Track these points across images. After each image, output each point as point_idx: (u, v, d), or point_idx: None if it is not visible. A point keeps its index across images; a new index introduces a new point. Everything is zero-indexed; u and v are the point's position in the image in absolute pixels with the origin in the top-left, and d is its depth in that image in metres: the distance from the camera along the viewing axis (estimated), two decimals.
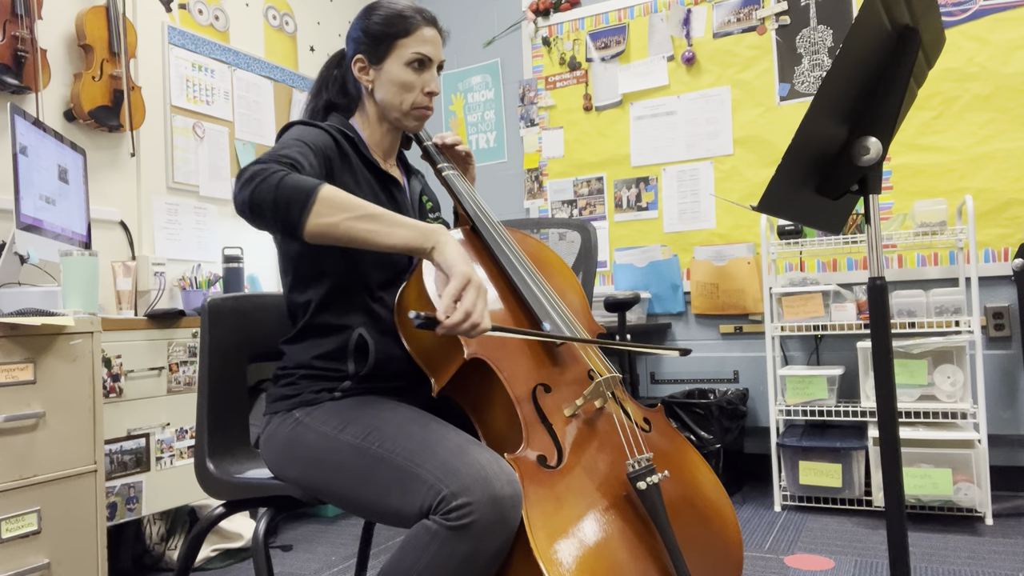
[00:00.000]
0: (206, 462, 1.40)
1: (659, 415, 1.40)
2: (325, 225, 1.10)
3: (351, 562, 2.42)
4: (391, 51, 1.36)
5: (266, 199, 1.10)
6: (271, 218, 1.11)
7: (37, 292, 1.99)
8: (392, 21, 1.36)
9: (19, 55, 2.31)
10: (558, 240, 3.01)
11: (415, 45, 1.36)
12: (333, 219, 1.10)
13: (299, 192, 1.10)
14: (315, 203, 1.10)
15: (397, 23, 1.36)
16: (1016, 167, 2.83)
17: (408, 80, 1.36)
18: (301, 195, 1.10)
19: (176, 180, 2.92)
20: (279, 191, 1.10)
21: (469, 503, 1.02)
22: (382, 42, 1.36)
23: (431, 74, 1.38)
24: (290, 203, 1.10)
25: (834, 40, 3.14)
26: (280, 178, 1.11)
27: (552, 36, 3.72)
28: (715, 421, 2.90)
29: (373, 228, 1.11)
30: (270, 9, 3.44)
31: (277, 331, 1.49)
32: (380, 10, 1.38)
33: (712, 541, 1.26)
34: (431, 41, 1.37)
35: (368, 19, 1.38)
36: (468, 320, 1.07)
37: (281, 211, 1.10)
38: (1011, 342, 2.82)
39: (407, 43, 1.35)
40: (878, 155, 1.11)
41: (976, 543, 2.33)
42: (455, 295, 1.08)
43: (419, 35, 1.36)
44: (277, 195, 1.10)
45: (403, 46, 1.36)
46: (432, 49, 1.37)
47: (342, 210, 1.10)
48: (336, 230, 1.11)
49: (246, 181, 1.12)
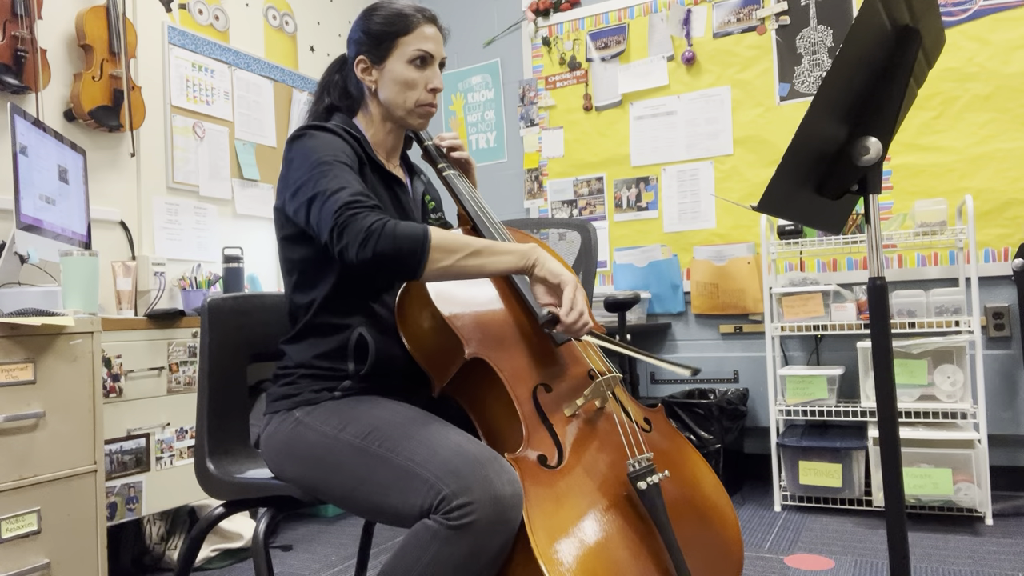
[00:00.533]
0: (206, 462, 1.40)
1: (659, 415, 1.40)
2: (441, 269, 1.16)
3: (351, 562, 2.42)
4: (393, 50, 1.37)
5: (389, 254, 1.14)
6: (394, 268, 1.15)
7: (37, 292, 1.99)
8: (392, 20, 1.37)
9: (19, 55, 2.31)
10: (558, 240, 3.01)
11: (416, 42, 1.36)
12: (447, 263, 1.16)
13: (414, 243, 1.14)
14: (430, 251, 1.15)
15: (398, 22, 1.37)
16: (1016, 167, 2.83)
17: (411, 77, 1.37)
18: (416, 246, 1.14)
19: (176, 180, 2.92)
20: (397, 244, 1.14)
21: (470, 503, 1.02)
22: (383, 41, 1.37)
23: (433, 71, 1.39)
24: (410, 254, 1.14)
25: (834, 40, 3.14)
26: (392, 230, 1.14)
27: (552, 36, 3.72)
28: (715, 421, 2.90)
29: (481, 262, 1.18)
30: (270, 9, 3.44)
31: (277, 331, 1.49)
32: (380, 10, 1.38)
33: (712, 541, 1.26)
34: (432, 38, 1.38)
35: (368, 20, 1.39)
36: (581, 319, 1.19)
37: (404, 261, 1.14)
38: (1011, 342, 2.82)
39: (408, 41, 1.36)
40: (878, 155, 1.11)
41: (976, 543, 2.33)
42: (572, 299, 1.19)
43: (420, 32, 1.37)
44: (399, 248, 1.14)
45: (405, 44, 1.36)
46: (433, 46, 1.38)
47: (453, 252, 1.16)
48: (450, 271, 1.17)
49: (364, 239, 1.13)
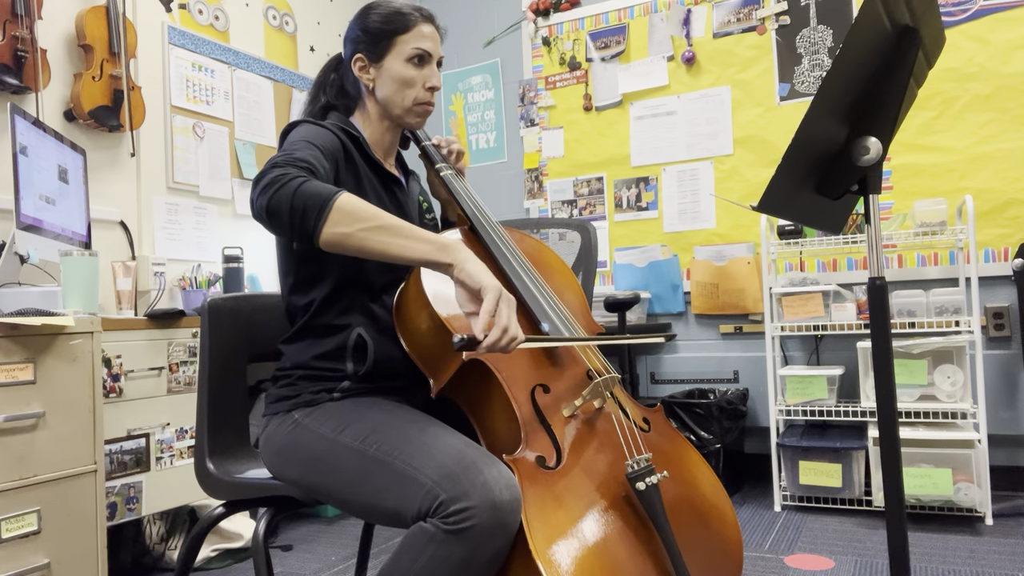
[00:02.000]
0: (206, 462, 1.40)
1: (659, 415, 1.40)
2: (340, 235, 1.10)
3: (351, 562, 2.42)
4: (391, 48, 1.37)
5: (283, 206, 1.10)
6: (287, 225, 1.11)
7: (37, 292, 1.99)
8: (390, 19, 1.37)
9: (19, 55, 2.31)
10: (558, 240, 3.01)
11: (414, 41, 1.37)
12: (348, 229, 1.09)
13: (316, 200, 1.09)
14: (331, 212, 1.09)
15: (395, 20, 1.37)
16: (1016, 167, 2.83)
17: (409, 76, 1.37)
18: (317, 203, 1.09)
19: (176, 180, 2.92)
20: (296, 198, 1.09)
21: (468, 507, 1.01)
22: (381, 39, 1.37)
23: (431, 69, 1.39)
24: (306, 211, 1.09)
25: (834, 40, 3.14)
26: (298, 184, 1.10)
27: (552, 36, 3.72)
28: (715, 421, 2.90)
29: (388, 240, 1.10)
30: (270, 9, 3.44)
31: (277, 331, 1.49)
32: (378, 9, 1.39)
33: (712, 541, 1.26)
34: (430, 37, 1.39)
35: (366, 18, 1.39)
36: (506, 335, 1.07)
37: (297, 218, 1.10)
38: (1011, 342, 2.82)
39: (406, 39, 1.37)
40: (878, 155, 1.11)
41: (976, 543, 2.33)
42: (492, 311, 1.07)
43: (418, 31, 1.37)
44: (294, 202, 1.09)
45: (402, 42, 1.37)
46: (431, 44, 1.39)
47: (358, 220, 1.10)
48: (350, 240, 1.10)
49: (264, 187, 1.11)
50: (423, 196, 1.54)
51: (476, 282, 1.09)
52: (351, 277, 1.31)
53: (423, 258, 1.11)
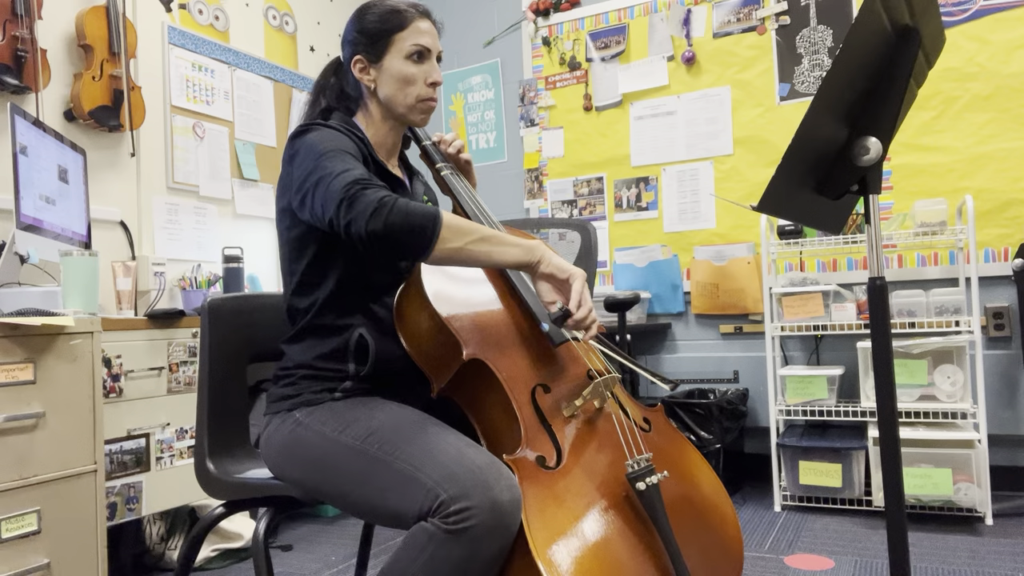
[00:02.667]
0: (206, 462, 1.40)
1: (659, 415, 1.40)
2: (450, 250, 1.15)
3: (351, 562, 2.42)
4: (389, 46, 1.37)
5: (400, 227, 1.11)
6: (403, 244, 1.13)
7: (37, 292, 1.99)
8: (387, 17, 1.37)
9: (19, 55, 2.31)
10: (558, 240, 3.01)
11: (412, 37, 1.37)
12: (457, 244, 1.15)
13: (427, 220, 1.13)
14: (442, 229, 1.13)
15: (392, 19, 1.37)
16: (1016, 167, 2.83)
17: (410, 73, 1.37)
18: (428, 222, 1.12)
19: (176, 180, 2.92)
20: (410, 218, 1.12)
21: (468, 507, 1.01)
22: (379, 39, 1.37)
23: (432, 64, 1.39)
24: (422, 231, 1.12)
25: (834, 40, 3.14)
26: (405, 205, 1.13)
27: (552, 36, 3.72)
28: (715, 421, 2.90)
29: (488, 249, 1.18)
30: (270, 9, 3.44)
31: (277, 331, 1.49)
32: (373, 9, 1.39)
33: (712, 541, 1.26)
34: (427, 32, 1.39)
35: (362, 19, 1.39)
36: (592, 314, 1.21)
37: (415, 238, 1.12)
38: (1011, 342, 2.82)
39: (404, 36, 1.37)
40: (878, 155, 1.11)
41: (976, 543, 2.33)
42: (581, 292, 1.20)
43: (415, 27, 1.37)
44: (411, 222, 1.12)
45: (401, 40, 1.36)
46: (430, 40, 1.39)
47: (463, 235, 1.15)
48: (460, 254, 1.16)
49: (375, 211, 1.11)
50: (427, 197, 1.54)
51: (565, 271, 1.21)
52: (353, 278, 1.31)
53: (517, 260, 1.20)
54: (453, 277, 1.30)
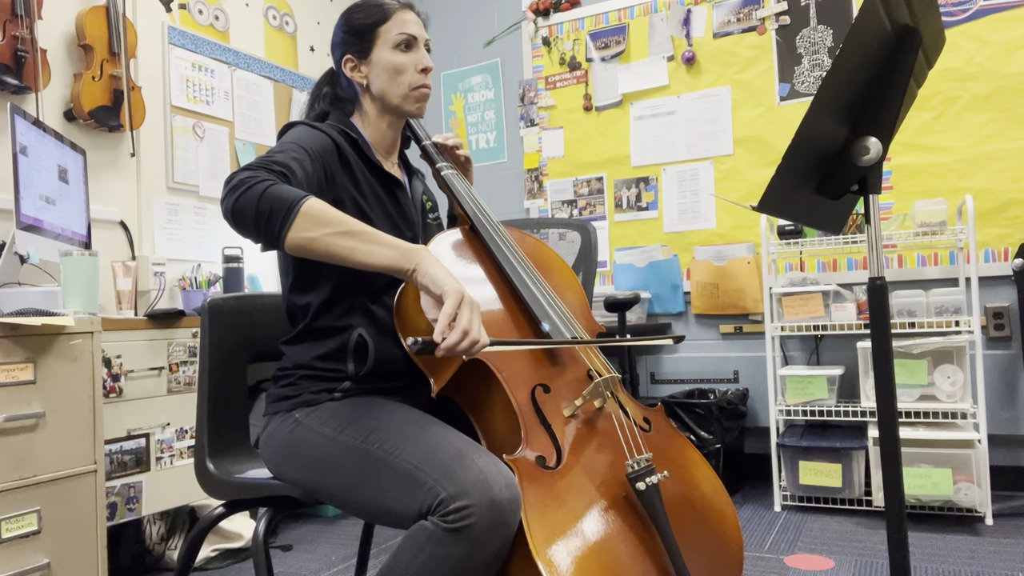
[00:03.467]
0: (206, 462, 1.40)
1: (659, 415, 1.40)
2: (304, 239, 1.09)
3: (351, 562, 2.42)
4: (376, 40, 1.38)
5: (248, 209, 1.10)
6: (252, 228, 1.11)
7: (37, 292, 1.99)
8: (369, 12, 1.39)
9: (19, 55, 2.31)
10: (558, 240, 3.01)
11: (397, 27, 1.38)
12: (313, 233, 1.09)
13: (281, 203, 1.09)
14: (296, 216, 1.09)
15: (375, 13, 1.39)
16: (1016, 167, 2.83)
17: (399, 62, 1.38)
18: (283, 206, 1.09)
19: (176, 180, 2.92)
20: (262, 201, 1.09)
21: (468, 506, 1.01)
22: (365, 34, 1.39)
23: (421, 52, 1.40)
24: (272, 214, 1.09)
25: (834, 40, 3.14)
26: (265, 188, 1.10)
27: (552, 36, 3.72)
28: (715, 421, 2.90)
29: (353, 245, 1.10)
30: (270, 9, 3.44)
31: (277, 331, 1.49)
32: (356, 8, 1.41)
33: (712, 541, 1.26)
34: (412, 21, 1.40)
35: (347, 20, 1.41)
36: (466, 339, 1.05)
37: (263, 221, 1.09)
38: (1011, 342, 2.82)
39: (389, 27, 1.38)
40: (878, 155, 1.11)
41: (976, 543, 2.33)
42: (451, 315, 1.05)
43: (398, 17, 1.39)
44: (260, 205, 1.09)
45: (386, 31, 1.38)
46: (415, 28, 1.40)
47: (323, 225, 1.09)
48: (315, 244, 1.10)
49: (231, 189, 1.12)
50: (427, 196, 1.54)
51: (437, 286, 1.08)
52: (351, 278, 1.31)
53: (387, 264, 1.11)
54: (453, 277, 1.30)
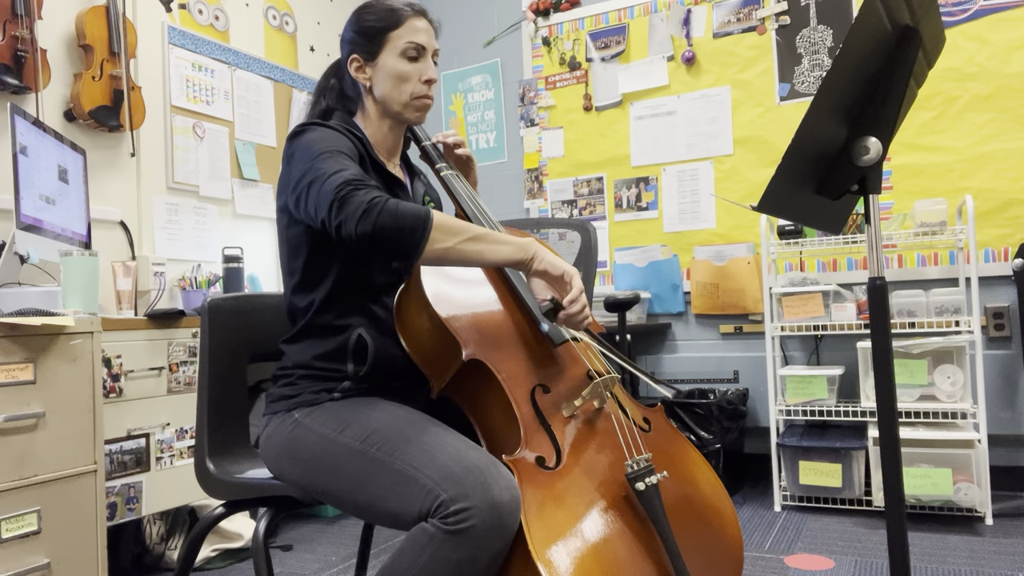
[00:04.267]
0: (206, 462, 1.40)
1: (659, 415, 1.40)
2: (441, 250, 1.15)
3: (351, 562, 2.42)
4: (384, 44, 1.38)
5: (390, 228, 1.12)
6: (392, 245, 1.13)
7: (37, 292, 1.99)
8: (382, 16, 1.38)
9: (19, 55, 2.31)
10: (558, 240, 3.01)
11: (407, 35, 1.37)
12: (447, 244, 1.15)
13: (417, 221, 1.13)
14: (432, 230, 1.13)
15: (387, 17, 1.38)
16: (1016, 167, 2.83)
17: (404, 70, 1.37)
18: (419, 223, 1.13)
19: (176, 180, 2.92)
20: (400, 219, 1.12)
21: (468, 508, 1.01)
22: (375, 37, 1.38)
23: (427, 62, 1.40)
24: (412, 231, 1.12)
25: (834, 40, 3.14)
26: (395, 206, 1.13)
27: (552, 36, 3.72)
28: (715, 421, 2.90)
29: (480, 248, 1.17)
30: (270, 9, 3.43)
31: (277, 331, 1.49)
32: (370, 8, 1.40)
33: (712, 541, 1.26)
34: (423, 30, 1.39)
35: (359, 19, 1.40)
36: (585, 310, 1.22)
37: (405, 238, 1.13)
38: (1011, 342, 2.82)
39: (399, 34, 1.37)
40: (878, 155, 1.11)
41: (976, 543, 2.33)
42: (580, 287, 1.21)
43: (410, 25, 1.38)
44: (400, 223, 1.12)
45: (396, 37, 1.37)
46: (425, 38, 1.39)
47: (454, 235, 1.15)
48: (451, 253, 1.16)
49: (364, 212, 1.12)
50: (428, 196, 1.54)
51: (559, 268, 1.21)
52: (351, 278, 1.32)
53: (510, 258, 1.20)
54: (453, 278, 1.30)
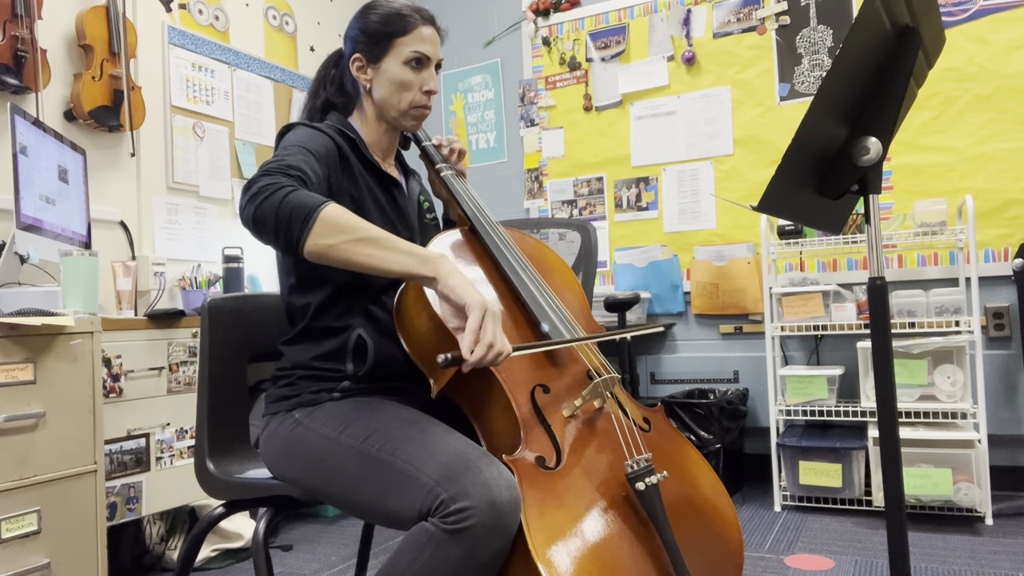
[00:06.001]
0: (206, 462, 1.40)
1: (659, 415, 1.40)
2: (324, 246, 1.10)
3: (351, 562, 2.42)
4: (389, 50, 1.36)
5: (268, 215, 1.10)
6: (272, 234, 1.12)
7: (37, 292, 1.99)
8: (390, 20, 1.36)
9: (19, 55, 2.31)
10: (558, 240, 3.01)
11: (413, 44, 1.35)
12: (332, 240, 1.10)
13: (301, 210, 1.10)
14: (315, 223, 1.10)
15: (395, 22, 1.35)
16: (1016, 167, 2.83)
17: (406, 79, 1.36)
18: (302, 213, 1.10)
19: (176, 180, 2.92)
20: (282, 208, 1.10)
21: (468, 507, 1.01)
22: (380, 41, 1.36)
23: (429, 73, 1.38)
24: (291, 221, 1.10)
25: (834, 40, 3.14)
26: (285, 194, 1.11)
27: (552, 36, 3.72)
28: (715, 421, 2.90)
29: (371, 252, 1.10)
30: (270, 9, 3.43)
31: (277, 331, 1.49)
32: (378, 9, 1.37)
33: (712, 541, 1.26)
34: (429, 40, 1.37)
35: (366, 18, 1.37)
36: (491, 351, 1.07)
37: (283, 228, 1.10)
38: (1011, 342, 2.82)
39: (405, 42, 1.35)
40: (878, 155, 1.10)
41: (976, 543, 2.33)
42: (477, 329, 1.07)
43: (417, 34, 1.36)
44: (280, 212, 1.10)
45: (401, 45, 1.35)
46: (430, 48, 1.37)
47: (342, 232, 1.10)
48: (334, 251, 1.10)
49: (252, 195, 1.12)
50: (424, 196, 1.53)
51: (459, 298, 1.09)
52: (352, 279, 1.31)
53: (406, 271, 1.11)
54: None
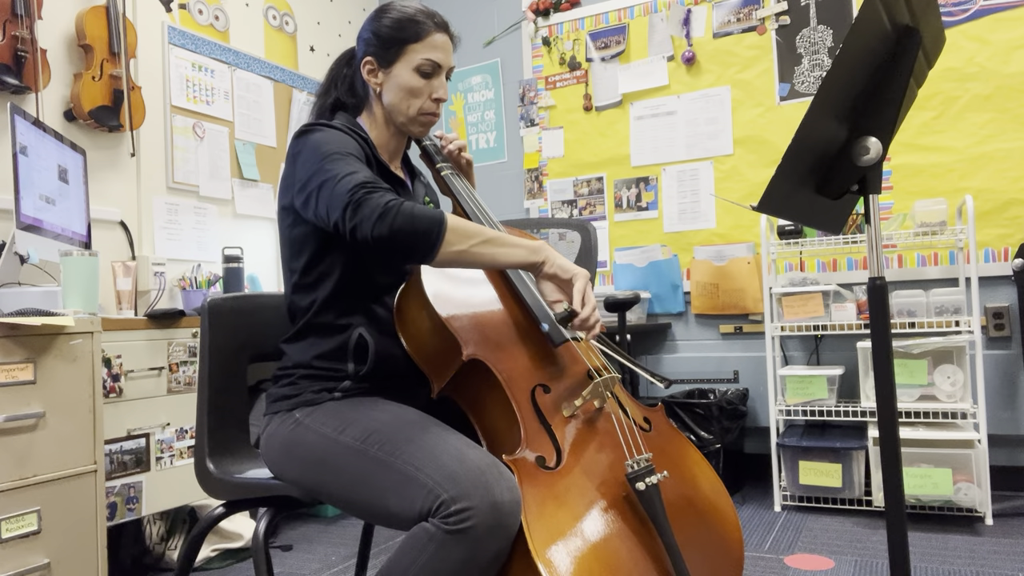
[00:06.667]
0: (206, 462, 1.40)
1: (659, 415, 1.40)
2: (455, 252, 1.15)
3: (351, 562, 2.42)
4: (401, 55, 1.34)
5: (405, 232, 1.12)
6: (409, 248, 1.13)
7: (37, 292, 1.99)
8: (403, 25, 1.34)
9: (19, 55, 2.31)
10: (558, 240, 3.01)
11: (425, 51, 1.34)
12: (461, 247, 1.15)
13: (431, 223, 1.13)
14: (446, 233, 1.14)
15: (408, 27, 1.34)
16: (1016, 167, 2.83)
17: (416, 86, 1.35)
18: (434, 226, 1.13)
19: (176, 180, 2.92)
20: (413, 222, 1.12)
21: (468, 508, 1.01)
22: (392, 46, 1.35)
23: (440, 80, 1.37)
24: (426, 234, 1.13)
25: (834, 40, 3.14)
26: (411, 208, 1.13)
27: (552, 36, 3.72)
28: (715, 421, 2.90)
29: (493, 251, 1.18)
30: (270, 9, 3.43)
31: (277, 331, 1.49)
32: (391, 13, 1.36)
33: (712, 541, 1.26)
34: (442, 47, 1.36)
35: (379, 21, 1.36)
36: (594, 315, 1.22)
37: (420, 240, 1.13)
38: (1011, 342, 2.82)
39: (417, 48, 1.34)
40: (878, 155, 1.11)
41: (976, 543, 2.33)
42: (584, 291, 1.21)
43: (430, 41, 1.34)
44: (416, 225, 1.12)
45: (413, 51, 1.34)
46: (442, 56, 1.36)
47: (468, 238, 1.16)
48: (464, 256, 1.16)
49: (380, 215, 1.11)
50: (429, 197, 1.54)
51: (566, 272, 1.22)
52: (353, 277, 1.31)
53: (522, 261, 1.21)
54: (453, 277, 1.30)
